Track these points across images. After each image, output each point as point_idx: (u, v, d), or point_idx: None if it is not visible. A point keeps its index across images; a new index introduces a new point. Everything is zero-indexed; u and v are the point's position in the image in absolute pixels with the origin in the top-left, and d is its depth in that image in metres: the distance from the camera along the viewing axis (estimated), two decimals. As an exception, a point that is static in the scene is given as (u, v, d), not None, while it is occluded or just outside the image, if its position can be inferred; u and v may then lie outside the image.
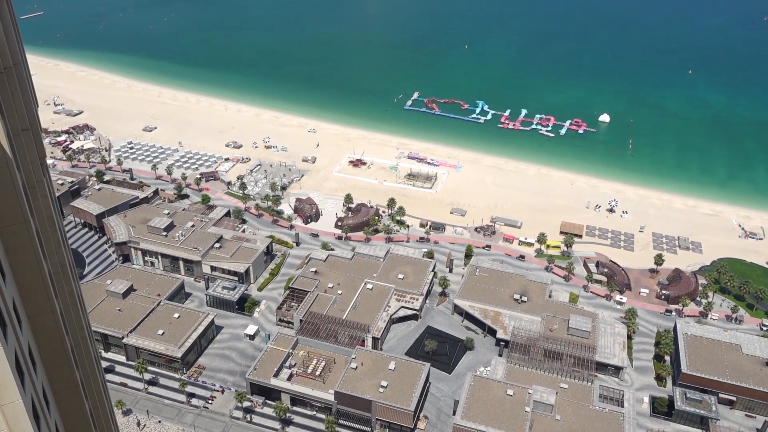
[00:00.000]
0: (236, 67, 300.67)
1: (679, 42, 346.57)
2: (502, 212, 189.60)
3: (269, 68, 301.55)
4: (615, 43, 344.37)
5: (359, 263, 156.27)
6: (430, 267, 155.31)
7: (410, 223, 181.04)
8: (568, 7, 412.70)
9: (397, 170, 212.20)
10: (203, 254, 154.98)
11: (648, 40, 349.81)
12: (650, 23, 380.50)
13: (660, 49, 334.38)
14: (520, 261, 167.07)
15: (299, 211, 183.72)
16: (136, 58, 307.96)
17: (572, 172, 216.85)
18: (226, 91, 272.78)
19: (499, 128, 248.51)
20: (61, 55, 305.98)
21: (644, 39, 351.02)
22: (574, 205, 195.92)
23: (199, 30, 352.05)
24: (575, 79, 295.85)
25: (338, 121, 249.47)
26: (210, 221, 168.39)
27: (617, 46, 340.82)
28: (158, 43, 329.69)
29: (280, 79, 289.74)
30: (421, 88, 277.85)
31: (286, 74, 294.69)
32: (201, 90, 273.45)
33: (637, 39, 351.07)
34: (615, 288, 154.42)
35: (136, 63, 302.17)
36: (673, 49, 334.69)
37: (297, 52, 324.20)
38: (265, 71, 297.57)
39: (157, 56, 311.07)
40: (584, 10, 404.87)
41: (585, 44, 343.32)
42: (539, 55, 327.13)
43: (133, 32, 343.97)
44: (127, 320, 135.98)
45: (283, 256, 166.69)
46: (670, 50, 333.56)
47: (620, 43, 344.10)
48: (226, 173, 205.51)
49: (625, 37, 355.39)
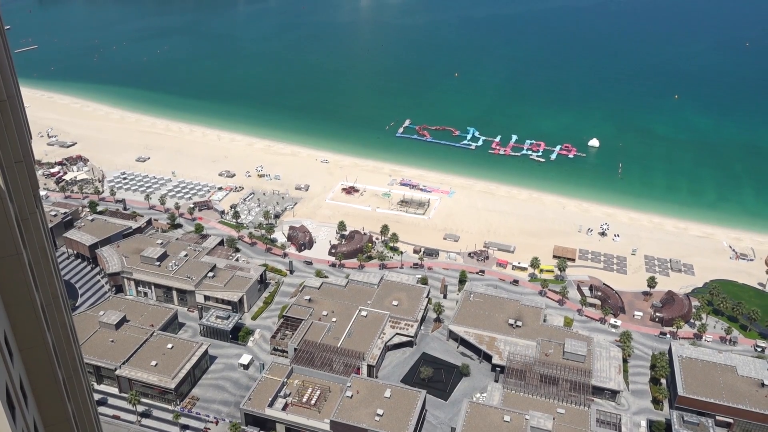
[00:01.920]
0: (229, 97, 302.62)
1: (664, 67, 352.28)
2: (495, 237, 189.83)
3: (261, 98, 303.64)
4: (602, 70, 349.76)
5: (353, 290, 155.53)
6: (424, 293, 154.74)
7: (404, 250, 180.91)
8: (554, 35, 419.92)
9: (390, 197, 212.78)
10: (196, 284, 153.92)
11: (634, 66, 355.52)
12: (635, 50, 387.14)
13: (646, 75, 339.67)
14: (514, 286, 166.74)
15: (293, 239, 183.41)
16: (130, 90, 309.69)
17: (564, 196, 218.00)
18: (218, 121, 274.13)
19: (490, 154, 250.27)
20: (55, 88, 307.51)
21: (630, 65, 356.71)
22: (566, 229, 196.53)
23: (192, 61, 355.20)
24: (564, 105, 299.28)
25: (331, 148, 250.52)
26: (203, 250, 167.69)
27: (604, 72, 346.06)
28: (151, 74, 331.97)
29: (272, 108, 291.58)
30: (412, 116, 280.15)
31: (279, 103, 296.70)
32: (194, 120, 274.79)
33: (623, 65, 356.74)
34: (609, 311, 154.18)
35: (130, 94, 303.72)
36: (658, 75, 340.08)
37: (289, 82, 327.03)
38: (257, 101, 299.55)
39: (150, 87, 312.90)
40: (570, 38, 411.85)
41: (572, 71, 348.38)
42: (528, 82, 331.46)
43: (127, 64, 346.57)
44: (119, 351, 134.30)
45: (277, 284, 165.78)
46: (656, 75, 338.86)
47: (607, 70, 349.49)
48: (219, 202, 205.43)
49: (612, 63, 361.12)
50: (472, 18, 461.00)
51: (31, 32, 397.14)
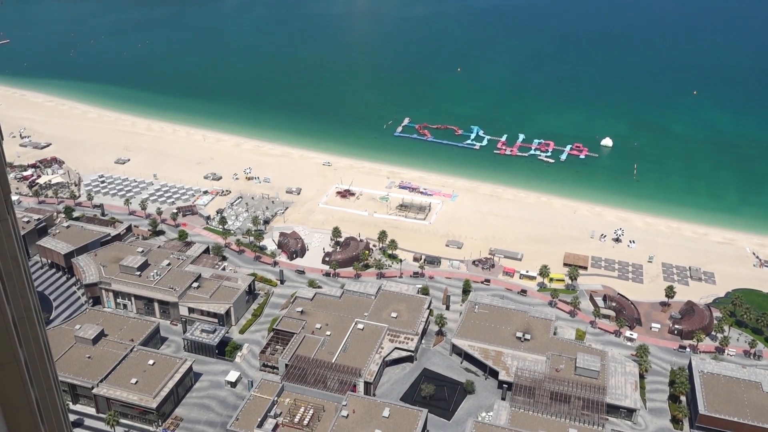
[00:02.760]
0: (215, 95, 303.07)
1: (682, 62, 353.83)
2: (502, 244, 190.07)
3: (250, 95, 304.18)
4: (615, 64, 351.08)
5: (349, 302, 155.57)
6: (425, 304, 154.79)
7: (403, 257, 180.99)
8: (564, 26, 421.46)
9: (388, 201, 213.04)
10: (180, 295, 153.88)
11: (649, 60, 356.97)
12: (651, 42, 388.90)
13: (662, 69, 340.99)
14: (522, 296, 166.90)
15: (283, 247, 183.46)
16: (109, 87, 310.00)
17: (575, 199, 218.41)
18: (204, 120, 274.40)
19: (496, 154, 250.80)
20: (28, 85, 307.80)
21: (645, 59, 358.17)
22: (577, 235, 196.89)
23: (175, 56, 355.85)
24: (575, 102, 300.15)
25: (325, 149, 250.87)
26: (187, 259, 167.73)
27: (617, 66, 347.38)
28: (132, 70, 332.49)
29: (261, 106, 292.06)
30: (411, 114, 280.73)
31: (268, 101, 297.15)
32: (177, 119, 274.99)
33: (638, 59, 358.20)
34: (624, 323, 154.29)
35: (109, 92, 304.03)
36: (676, 69, 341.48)
37: (280, 78, 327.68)
38: (245, 98, 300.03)
39: (130, 84, 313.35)
40: (581, 30, 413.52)
41: (584, 65, 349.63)
42: (536, 77, 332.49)
43: (105, 59, 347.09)
44: (97, 368, 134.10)
45: (267, 295, 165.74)
46: (673, 70, 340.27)
47: (620, 64, 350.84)
48: (204, 207, 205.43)
49: (626, 57, 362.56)
50: (475, 8, 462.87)
51: (2, 26, 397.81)
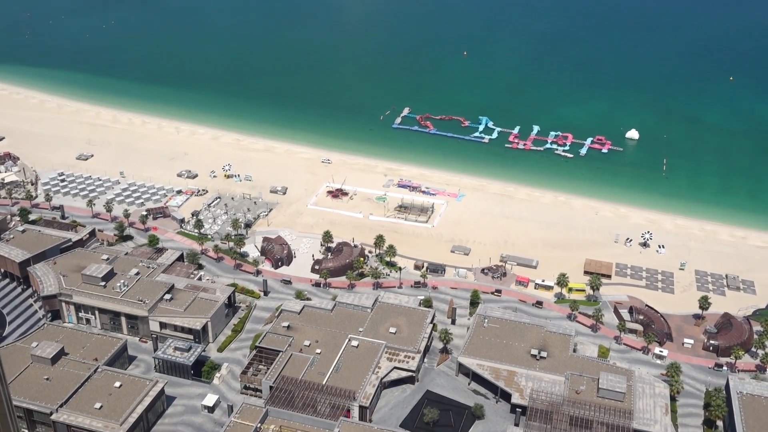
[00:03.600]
0: (189, 82, 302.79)
1: (716, 44, 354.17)
2: (514, 249, 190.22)
3: (229, 82, 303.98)
4: (642, 46, 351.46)
5: (342, 315, 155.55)
6: (427, 318, 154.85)
7: (403, 265, 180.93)
8: (584, 4, 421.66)
9: (386, 201, 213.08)
10: (150, 308, 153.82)
11: (681, 41, 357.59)
12: (682, 22, 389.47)
13: (695, 53, 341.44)
14: (538, 308, 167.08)
15: (267, 253, 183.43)
16: (69, 73, 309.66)
17: (596, 199, 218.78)
18: (177, 110, 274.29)
19: (507, 149, 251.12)
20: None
21: (676, 40, 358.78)
22: (599, 239, 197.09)
23: (145, 38, 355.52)
24: (596, 89, 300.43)
25: (313, 143, 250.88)
26: (159, 267, 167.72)
27: (644, 49, 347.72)
28: (95, 54, 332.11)
29: (242, 95, 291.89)
30: (412, 103, 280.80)
31: (250, 89, 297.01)
32: (147, 109, 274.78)
33: (668, 40, 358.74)
34: (653, 339, 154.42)
35: (69, 79, 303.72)
36: (710, 53, 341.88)
37: (263, 63, 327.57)
38: (224, 86, 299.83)
39: (94, 70, 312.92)
40: (603, 8, 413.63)
41: (606, 47, 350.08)
42: (552, 61, 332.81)
43: (66, 42, 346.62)
44: (56, 391, 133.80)
45: (249, 308, 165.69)
46: (707, 53, 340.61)
47: (648, 46, 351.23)
48: (178, 209, 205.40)
49: (654, 38, 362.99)
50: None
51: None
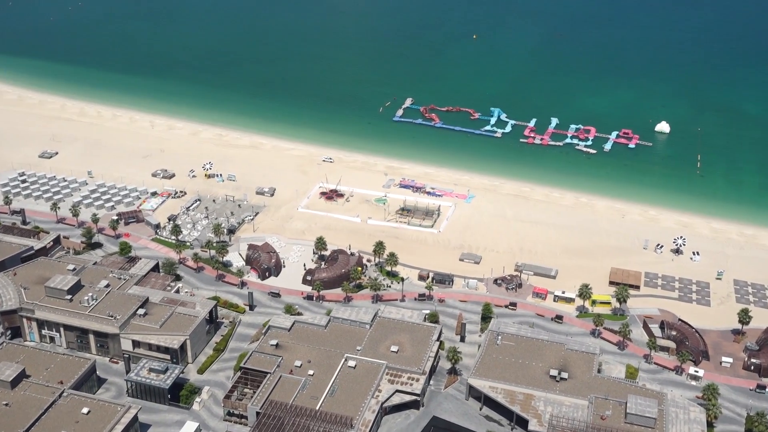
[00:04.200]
0: (166, 70, 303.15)
1: (757, 24, 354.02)
2: (530, 257, 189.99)
3: (210, 70, 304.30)
4: (673, 27, 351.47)
5: (337, 332, 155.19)
6: (433, 335, 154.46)
7: (405, 276, 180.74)
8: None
9: (386, 204, 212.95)
10: (122, 325, 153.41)
11: (716, 22, 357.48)
12: (719, 0, 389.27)
13: (732, 35, 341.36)
14: (557, 323, 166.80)
15: (253, 263, 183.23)
16: (31, 61, 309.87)
17: (622, 200, 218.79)
18: (152, 102, 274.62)
19: (523, 144, 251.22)
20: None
21: (711, 21, 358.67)
22: (626, 245, 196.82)
23: (116, 21, 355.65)
24: (622, 77, 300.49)
25: (305, 138, 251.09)
26: (131, 279, 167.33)
27: (676, 30, 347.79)
28: (61, 39, 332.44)
29: (225, 84, 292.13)
30: (415, 94, 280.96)
31: (234, 78, 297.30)
32: (118, 101, 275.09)
33: (703, 21, 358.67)
34: (687, 357, 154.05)
35: (31, 67, 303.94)
36: (749, 35, 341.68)
37: (248, 49, 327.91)
38: (204, 75, 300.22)
39: (59, 57, 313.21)
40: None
41: (633, 29, 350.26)
42: (572, 45, 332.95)
43: (27, 26, 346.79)
44: (16, 418, 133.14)
45: (233, 324, 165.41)
46: (746, 36, 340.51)
47: (680, 27, 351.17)
48: (152, 213, 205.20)
49: (687, 18, 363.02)
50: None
51: None
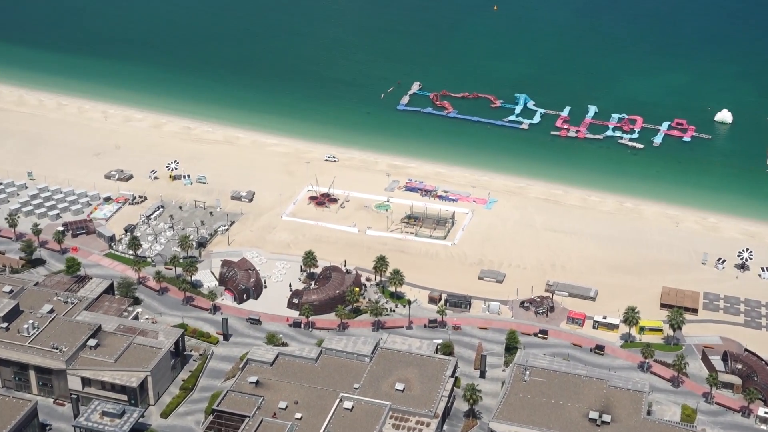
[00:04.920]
0: (122, 50, 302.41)
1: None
2: (565, 275, 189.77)
3: (176, 50, 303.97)
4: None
5: (330, 367, 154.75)
6: (447, 370, 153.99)
7: (413, 298, 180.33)
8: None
9: (389, 210, 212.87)
10: (69, 358, 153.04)
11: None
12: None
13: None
14: (598, 355, 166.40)
15: (228, 282, 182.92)
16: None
17: (676, 205, 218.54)
18: (105, 89, 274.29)
19: (554, 137, 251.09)
20: None
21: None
22: (681, 259, 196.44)
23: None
24: (674, 56, 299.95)
25: (290, 132, 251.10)
26: (81, 303, 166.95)
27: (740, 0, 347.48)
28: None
29: (193, 67, 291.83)
30: (424, 77, 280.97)
31: (205, 59, 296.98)
32: (64, 87, 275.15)
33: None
34: (756, 396, 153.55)
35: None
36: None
37: (222, 24, 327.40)
38: (168, 55, 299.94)
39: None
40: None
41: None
42: (612, 17, 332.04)
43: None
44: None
45: (203, 357, 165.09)
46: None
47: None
48: (106, 222, 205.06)
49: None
50: None
51: None
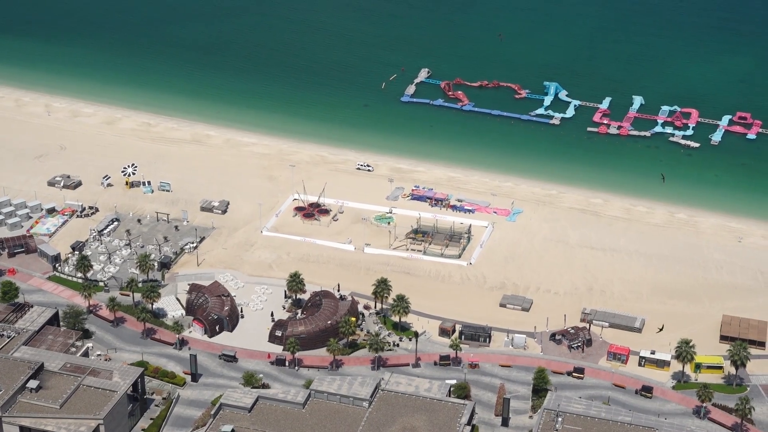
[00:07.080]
0: (67, 31, 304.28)
1: None
2: (605, 301, 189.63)
3: (133, 32, 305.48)
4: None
5: (321, 413, 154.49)
6: (462, 416, 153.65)
7: (421, 329, 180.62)
8: None
9: (392, 223, 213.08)
10: (5, 404, 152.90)
11: None
12: None
13: None
14: (645, 398, 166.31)
15: (198, 311, 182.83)
16: None
17: (739, 217, 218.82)
18: (48, 78, 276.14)
19: (592, 135, 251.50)
20: None
21: None
22: (745, 282, 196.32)
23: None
24: (736, 37, 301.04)
25: (272, 129, 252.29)
26: (18, 336, 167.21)
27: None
28: None
29: (155, 52, 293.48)
30: (433, 63, 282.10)
31: (169, 42, 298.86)
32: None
33: None
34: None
35: None
36: None
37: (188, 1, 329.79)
38: (124, 37, 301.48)
39: None
40: None
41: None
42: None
43: None
44: None
45: (168, 402, 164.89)
46: None
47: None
48: (49, 238, 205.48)
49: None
50: None
51: None
